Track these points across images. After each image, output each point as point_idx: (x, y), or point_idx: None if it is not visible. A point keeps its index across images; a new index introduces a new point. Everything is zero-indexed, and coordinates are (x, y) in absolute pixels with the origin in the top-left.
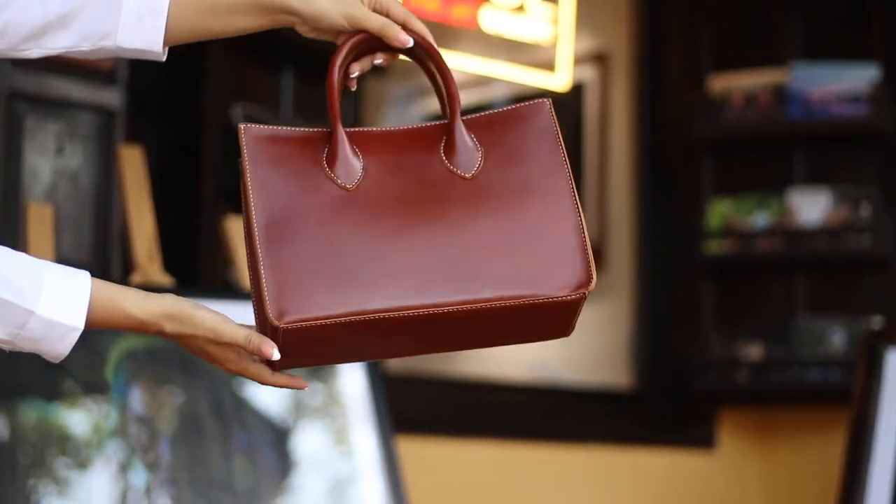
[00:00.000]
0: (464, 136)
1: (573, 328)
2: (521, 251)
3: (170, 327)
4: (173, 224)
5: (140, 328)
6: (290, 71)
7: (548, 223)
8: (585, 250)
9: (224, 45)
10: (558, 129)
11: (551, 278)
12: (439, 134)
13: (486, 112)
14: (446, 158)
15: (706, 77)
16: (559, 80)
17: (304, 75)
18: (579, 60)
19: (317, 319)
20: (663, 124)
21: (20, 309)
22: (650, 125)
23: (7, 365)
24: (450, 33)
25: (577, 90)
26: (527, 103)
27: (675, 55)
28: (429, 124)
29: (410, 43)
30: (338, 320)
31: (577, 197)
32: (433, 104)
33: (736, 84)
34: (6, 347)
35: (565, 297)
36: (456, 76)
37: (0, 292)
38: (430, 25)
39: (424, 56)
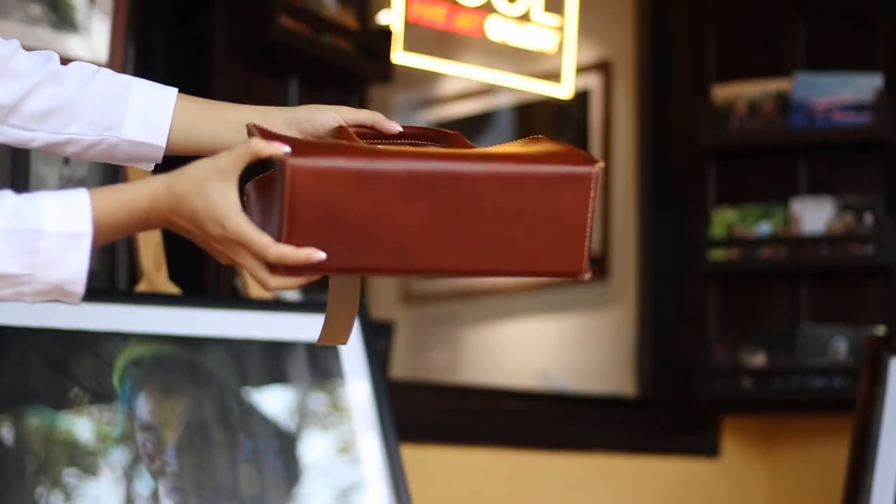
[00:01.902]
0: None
1: (582, 257)
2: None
3: (176, 186)
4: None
5: (150, 207)
6: (296, 79)
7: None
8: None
9: (230, 53)
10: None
11: (567, 160)
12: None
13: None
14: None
15: (710, 86)
16: (563, 89)
17: (310, 83)
18: (583, 69)
19: (329, 165)
20: (667, 133)
21: (27, 231)
22: (654, 133)
23: (14, 372)
24: (455, 42)
25: (582, 98)
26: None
27: (679, 64)
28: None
29: (399, 129)
30: (349, 168)
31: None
32: (439, 113)
33: (740, 93)
34: (28, 291)
35: (580, 169)
36: (461, 85)
37: (3, 223)
38: (436, 34)
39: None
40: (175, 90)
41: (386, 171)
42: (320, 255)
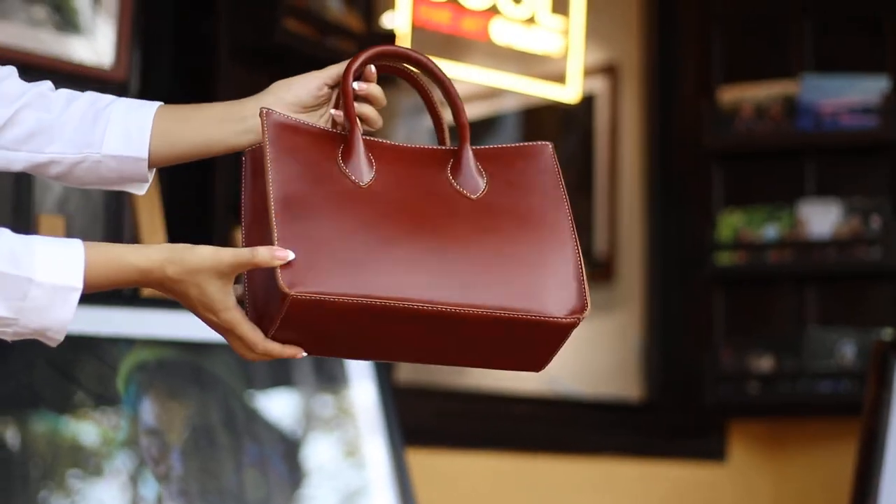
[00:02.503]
0: (470, 162)
1: (548, 362)
2: (524, 271)
3: (171, 270)
4: (184, 236)
5: (142, 277)
6: None
7: (548, 250)
8: (582, 280)
9: (235, 56)
10: (559, 169)
11: (551, 299)
12: (447, 157)
13: (492, 146)
14: (453, 179)
15: (717, 88)
16: (570, 92)
17: None
18: (590, 72)
19: (328, 295)
20: (674, 136)
21: (19, 278)
22: (660, 136)
23: (19, 376)
24: (460, 45)
25: (588, 102)
26: (530, 144)
27: (686, 66)
28: (438, 148)
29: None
30: (347, 300)
31: (575, 232)
32: (445, 116)
33: (747, 95)
34: (9, 332)
35: (562, 318)
36: (466, 88)
37: (4, 264)
38: (441, 38)
39: (432, 85)
40: (157, 103)
41: (380, 306)
42: (303, 353)
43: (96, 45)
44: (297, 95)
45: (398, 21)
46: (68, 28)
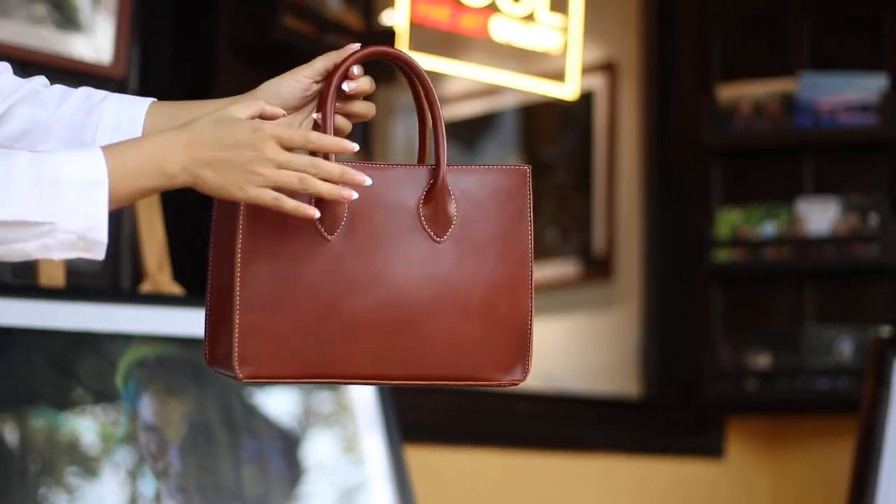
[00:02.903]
0: (443, 193)
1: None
2: (470, 347)
3: (193, 119)
4: (183, 232)
5: (161, 147)
6: None
7: (501, 318)
8: (528, 344)
9: (234, 53)
10: (531, 199)
11: (496, 369)
12: (424, 180)
13: (471, 166)
14: (423, 213)
15: (715, 86)
16: (568, 89)
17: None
18: (588, 69)
19: (274, 378)
20: (672, 133)
21: (46, 180)
22: (659, 134)
23: (17, 373)
24: (459, 42)
25: (587, 99)
26: (508, 168)
27: (684, 64)
28: (417, 168)
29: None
30: (292, 380)
31: (531, 282)
32: (444, 113)
33: (745, 93)
34: (54, 244)
35: (502, 382)
36: (465, 85)
37: (25, 174)
38: (440, 34)
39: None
40: (150, 99)
41: (324, 381)
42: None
43: (96, 41)
44: (284, 99)
45: (397, 18)
46: (68, 25)
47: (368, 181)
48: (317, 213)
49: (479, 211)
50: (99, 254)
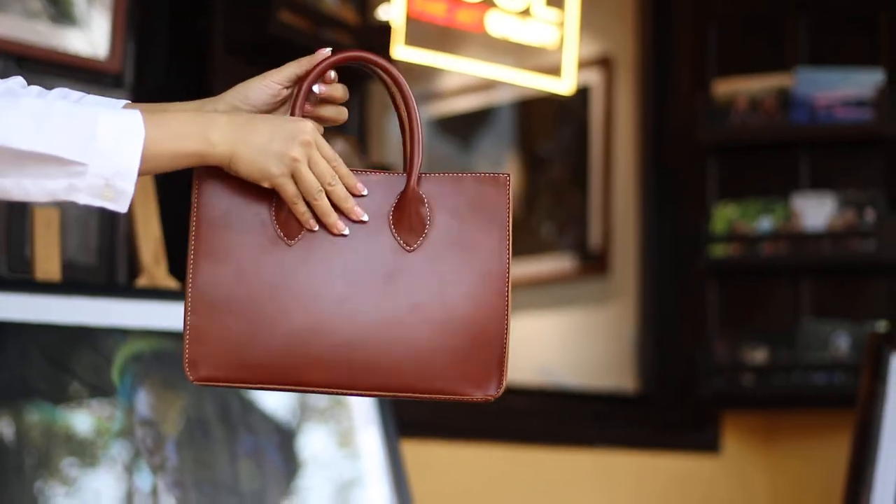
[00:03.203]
0: (414, 202)
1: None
2: (437, 352)
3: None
4: (179, 227)
5: (197, 110)
6: None
7: (475, 319)
8: (502, 360)
9: (230, 48)
10: (510, 209)
11: (462, 379)
12: (397, 188)
13: (449, 174)
14: (393, 221)
15: (711, 81)
16: (564, 84)
17: None
18: (584, 64)
19: (224, 381)
20: (668, 128)
21: (85, 118)
22: (655, 129)
23: (13, 368)
24: (456, 37)
25: (583, 94)
26: (488, 175)
27: (680, 59)
28: (391, 175)
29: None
30: (242, 385)
31: (508, 295)
32: (439, 108)
33: (741, 88)
34: (82, 186)
35: (472, 396)
36: (462, 80)
37: (64, 111)
38: (437, 29)
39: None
40: (124, 102)
41: (275, 389)
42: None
43: (91, 36)
44: (253, 103)
45: (393, 13)
46: (63, 20)
47: (365, 217)
48: (316, 226)
49: (454, 220)
50: (123, 205)
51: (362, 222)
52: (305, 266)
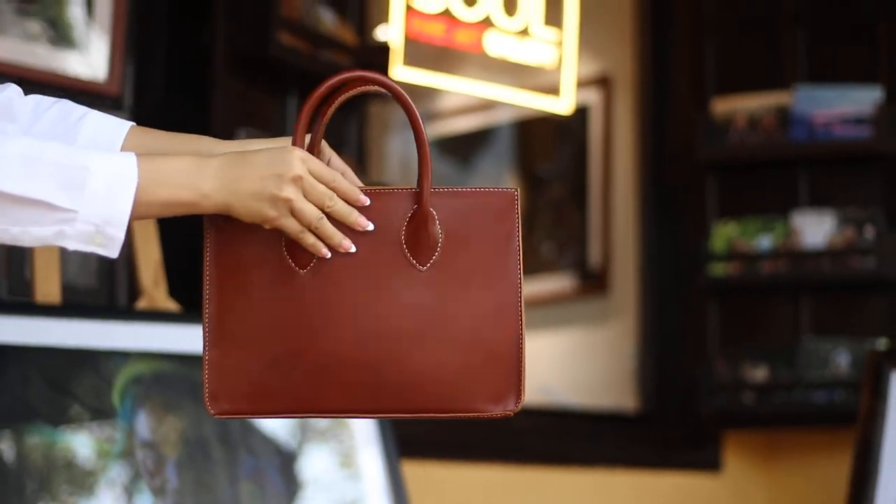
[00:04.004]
0: (427, 219)
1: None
2: (457, 370)
3: (239, 146)
4: (179, 249)
5: (196, 161)
6: (295, 95)
7: (490, 334)
8: (520, 374)
9: (229, 69)
10: (519, 222)
11: (481, 396)
12: (409, 204)
13: (458, 189)
14: (405, 240)
15: (710, 99)
16: (563, 104)
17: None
18: (583, 83)
19: (244, 414)
20: (667, 147)
21: (75, 167)
22: (654, 148)
23: (14, 390)
24: (454, 57)
25: (582, 113)
26: (495, 191)
27: (679, 78)
28: (402, 190)
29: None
30: (263, 416)
31: (522, 309)
32: (439, 128)
33: (739, 106)
34: (71, 232)
35: (492, 413)
36: (460, 100)
37: (55, 157)
38: (435, 50)
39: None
40: (130, 123)
41: (295, 416)
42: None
43: (90, 59)
44: None
45: (391, 33)
46: (63, 42)
47: (370, 226)
48: (328, 254)
49: (464, 237)
50: (113, 251)
51: (368, 232)
52: (320, 293)
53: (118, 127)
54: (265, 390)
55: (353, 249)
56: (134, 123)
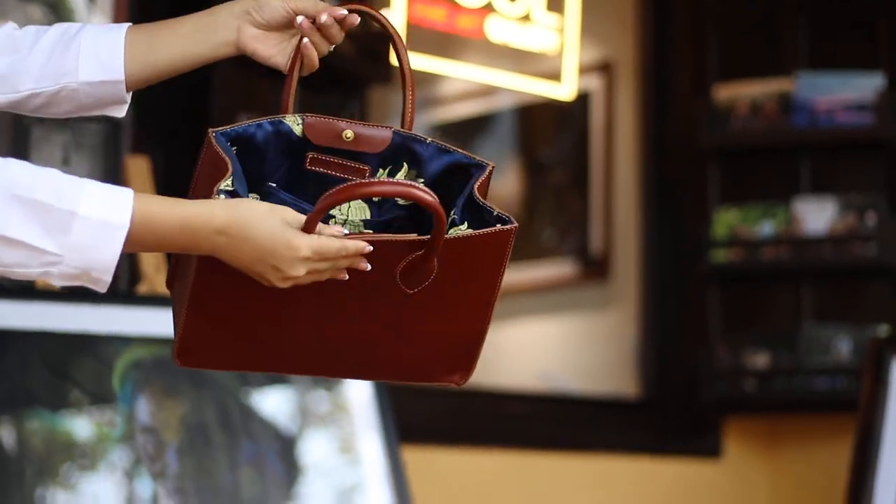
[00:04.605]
0: (430, 261)
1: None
2: (414, 361)
3: (221, 215)
4: None
5: (187, 228)
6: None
7: (457, 339)
8: (476, 357)
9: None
10: (509, 252)
11: (438, 371)
12: (414, 249)
13: (468, 235)
14: (399, 275)
15: (712, 86)
16: (565, 90)
17: (311, 84)
18: (585, 70)
19: (210, 367)
20: (669, 133)
21: (62, 211)
22: (656, 134)
23: (14, 375)
24: (456, 43)
25: (583, 99)
26: (499, 231)
27: (681, 64)
28: (413, 240)
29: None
30: (228, 369)
31: (490, 315)
32: (440, 114)
33: (742, 93)
34: (55, 273)
35: (440, 382)
36: (462, 86)
37: (42, 197)
38: (437, 35)
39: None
40: (126, 25)
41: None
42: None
43: None
44: (270, 17)
45: (393, 19)
46: None
47: (367, 267)
48: (346, 276)
49: (457, 270)
50: (101, 288)
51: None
52: (304, 303)
53: (116, 35)
54: (232, 356)
55: (347, 277)
56: (130, 24)
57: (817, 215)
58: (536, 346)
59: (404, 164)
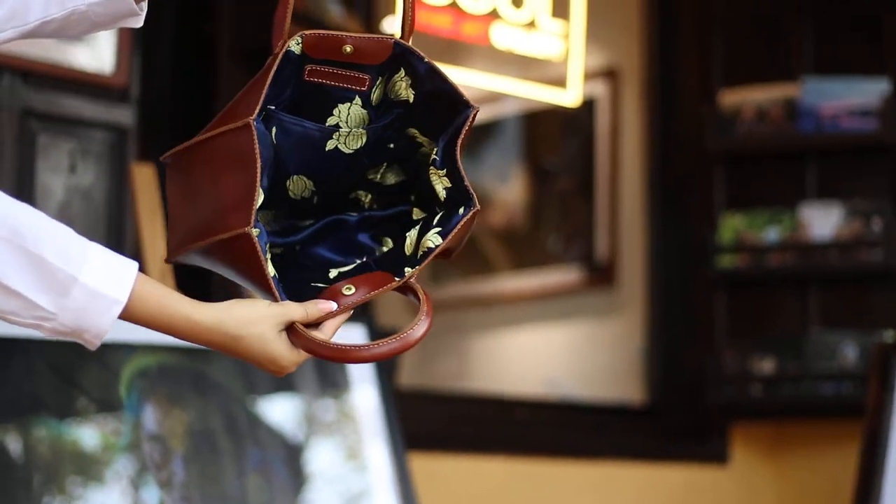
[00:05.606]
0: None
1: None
2: None
3: (230, 325)
4: None
5: (190, 329)
6: None
7: None
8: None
9: (235, 59)
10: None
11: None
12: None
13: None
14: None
15: (717, 91)
16: (570, 96)
17: None
18: (590, 76)
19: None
20: (675, 139)
21: (65, 274)
22: (661, 140)
23: (20, 383)
24: (461, 49)
25: (589, 105)
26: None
27: (686, 70)
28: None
29: None
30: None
31: None
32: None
33: (747, 98)
34: (47, 327)
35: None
36: (467, 92)
37: (47, 254)
38: (442, 42)
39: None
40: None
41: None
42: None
43: (97, 51)
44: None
45: (398, 25)
46: None
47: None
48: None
49: None
50: (91, 347)
51: None
52: None
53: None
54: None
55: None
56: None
57: (823, 221)
58: (542, 352)
59: (401, 68)
